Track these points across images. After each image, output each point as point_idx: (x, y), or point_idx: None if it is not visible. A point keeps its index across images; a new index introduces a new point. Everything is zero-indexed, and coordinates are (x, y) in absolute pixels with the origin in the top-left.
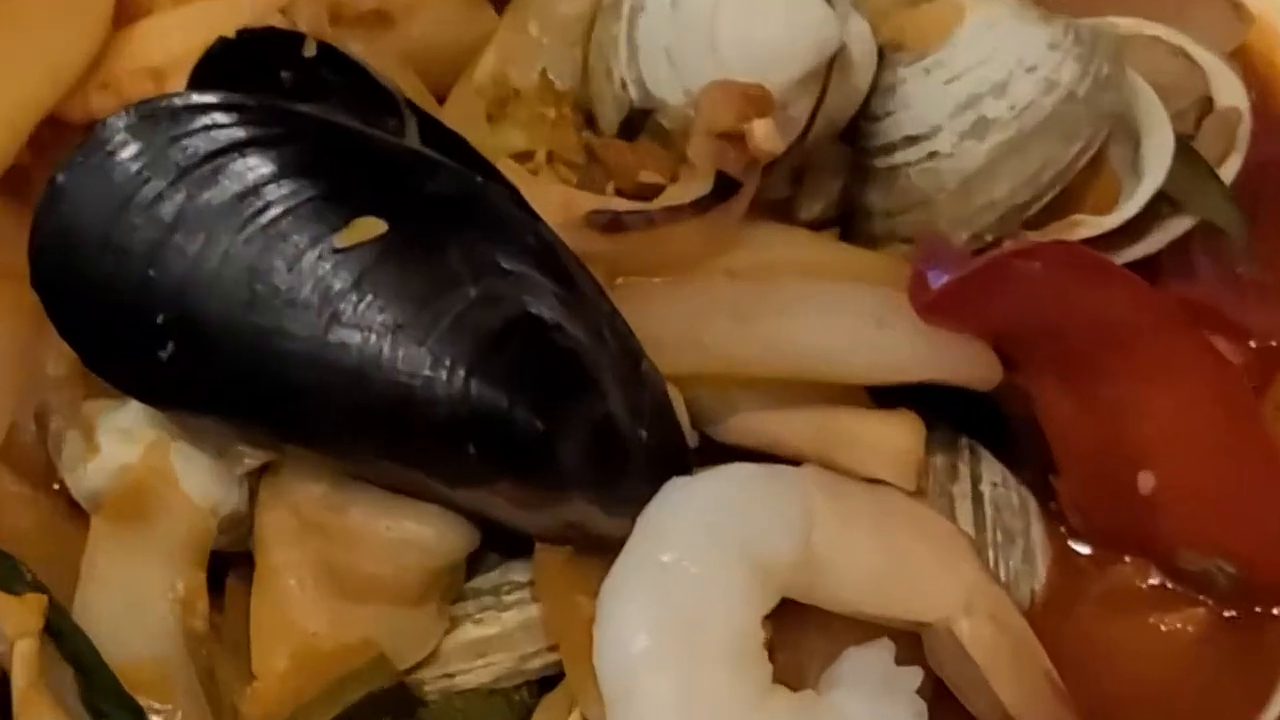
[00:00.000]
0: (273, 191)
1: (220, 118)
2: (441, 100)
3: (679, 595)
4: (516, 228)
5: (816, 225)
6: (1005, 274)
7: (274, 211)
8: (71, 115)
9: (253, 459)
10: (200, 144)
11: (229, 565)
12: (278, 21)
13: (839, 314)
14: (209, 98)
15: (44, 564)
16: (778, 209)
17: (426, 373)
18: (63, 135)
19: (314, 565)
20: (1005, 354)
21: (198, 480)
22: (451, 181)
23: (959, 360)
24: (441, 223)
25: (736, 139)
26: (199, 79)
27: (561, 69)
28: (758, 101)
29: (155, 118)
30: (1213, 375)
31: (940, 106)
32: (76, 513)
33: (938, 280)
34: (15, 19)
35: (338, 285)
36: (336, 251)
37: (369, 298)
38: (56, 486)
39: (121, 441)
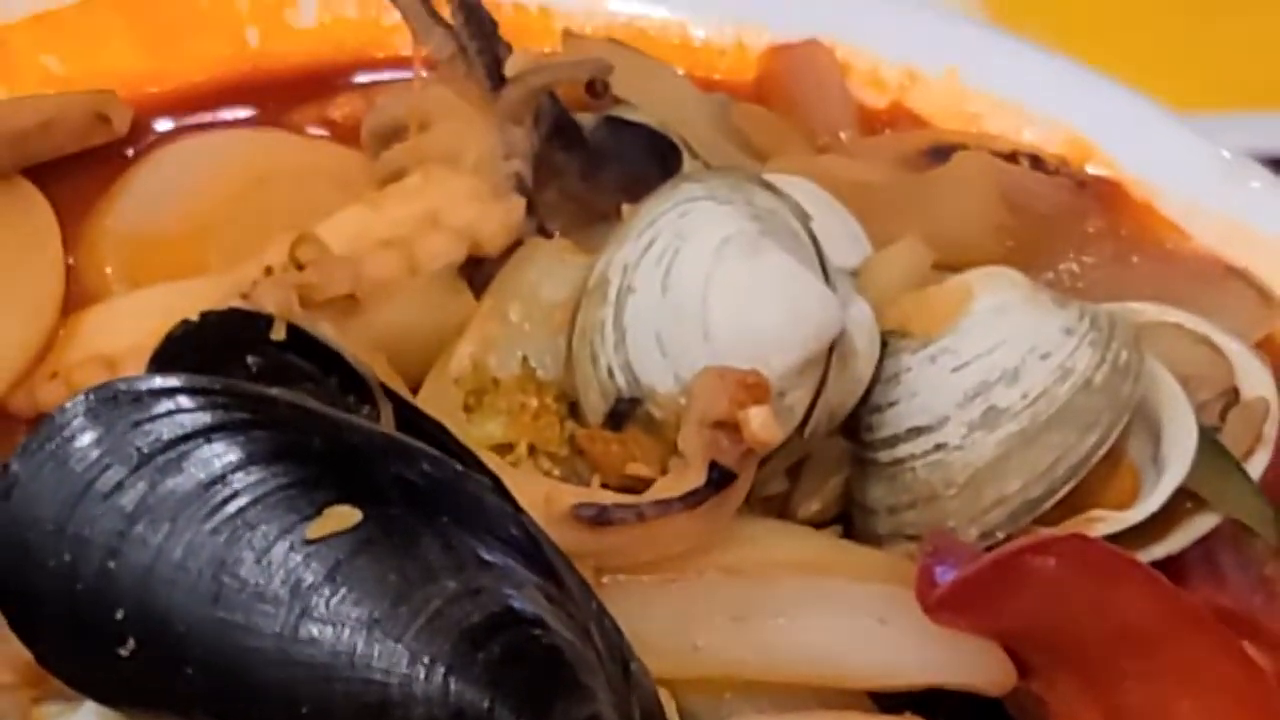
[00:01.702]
0: (240, 479)
1: (184, 402)
2: (415, 389)
3: None
4: (497, 518)
5: (816, 523)
6: (1018, 570)
7: (242, 500)
8: (18, 407)
9: None
10: (163, 430)
11: None
12: (239, 305)
13: (840, 613)
14: (172, 381)
15: None
16: (773, 505)
17: (404, 671)
18: (10, 428)
19: None
20: (1018, 656)
21: None
22: (429, 469)
23: (969, 663)
24: (418, 512)
25: (731, 428)
26: (160, 363)
27: (544, 357)
28: (754, 389)
29: (115, 402)
30: (1242, 681)
31: (948, 395)
32: None
33: (945, 577)
34: None
35: (309, 578)
36: (308, 542)
37: (342, 591)
38: None
39: None
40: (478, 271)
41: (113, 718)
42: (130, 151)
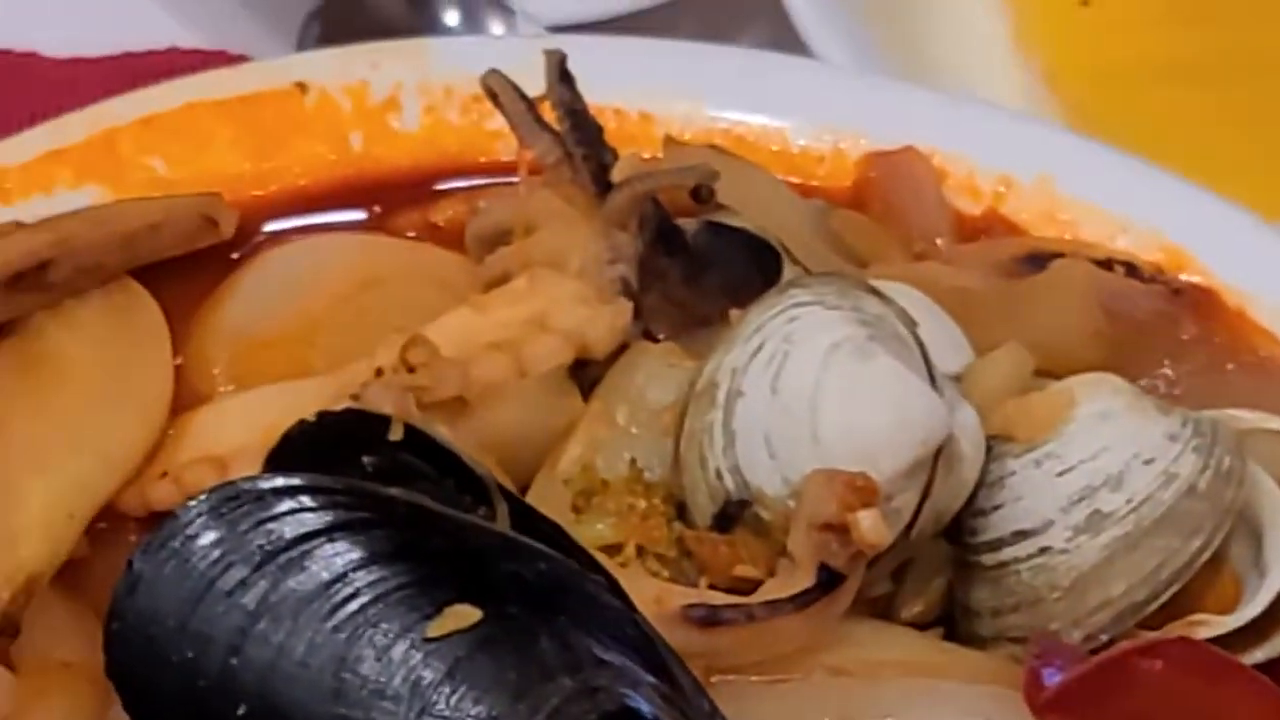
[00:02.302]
0: (361, 578)
1: (306, 500)
2: (523, 490)
3: None
4: (613, 618)
5: (919, 624)
6: (1126, 673)
7: (363, 599)
8: (129, 506)
9: None
10: (285, 529)
11: None
12: (353, 406)
13: (948, 715)
14: (294, 480)
15: None
16: (877, 606)
17: None
18: (120, 527)
19: None
20: None
21: None
22: (546, 568)
23: None
24: (536, 611)
25: (840, 531)
26: (277, 462)
27: (651, 459)
28: (863, 492)
29: (237, 501)
30: None
31: (1052, 499)
32: None
33: (1053, 679)
34: (69, 406)
35: (429, 676)
36: (428, 640)
37: (462, 689)
38: None
39: None
40: (584, 374)
41: None
42: (236, 254)
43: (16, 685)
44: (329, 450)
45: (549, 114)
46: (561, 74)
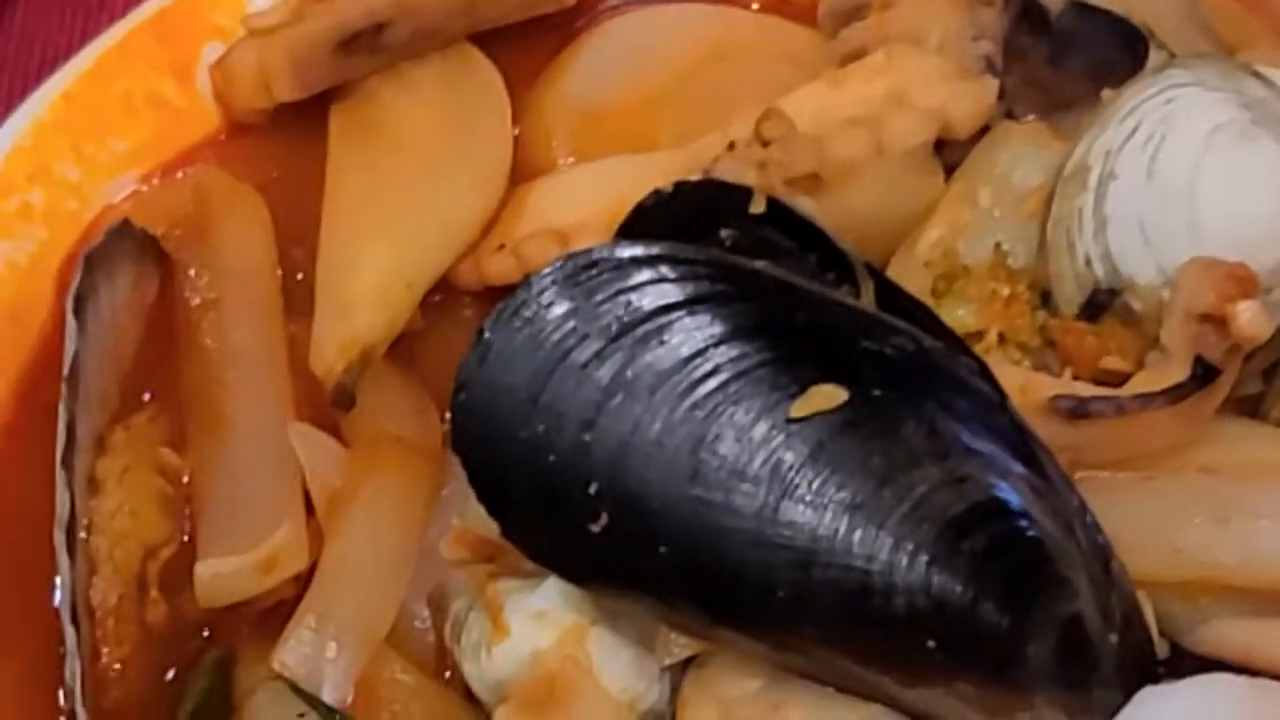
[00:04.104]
0: (721, 354)
1: (666, 271)
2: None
3: None
4: (984, 404)
5: None
6: None
7: (722, 376)
8: (465, 279)
9: (681, 649)
10: (643, 300)
11: None
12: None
13: None
14: (654, 250)
15: None
16: (1246, 407)
17: (885, 558)
18: (455, 301)
19: None
20: None
21: (617, 671)
22: (913, 349)
23: None
24: (902, 394)
25: (1218, 322)
26: (629, 233)
27: (1015, 243)
28: (1243, 282)
29: (593, 269)
30: None
31: None
32: (469, 705)
33: None
34: (405, 173)
35: (790, 458)
36: (790, 421)
37: (825, 473)
38: (447, 675)
39: (534, 625)
40: (944, 155)
41: (575, 595)
42: (579, 22)
43: (348, 459)
44: (684, 223)
45: None
46: None
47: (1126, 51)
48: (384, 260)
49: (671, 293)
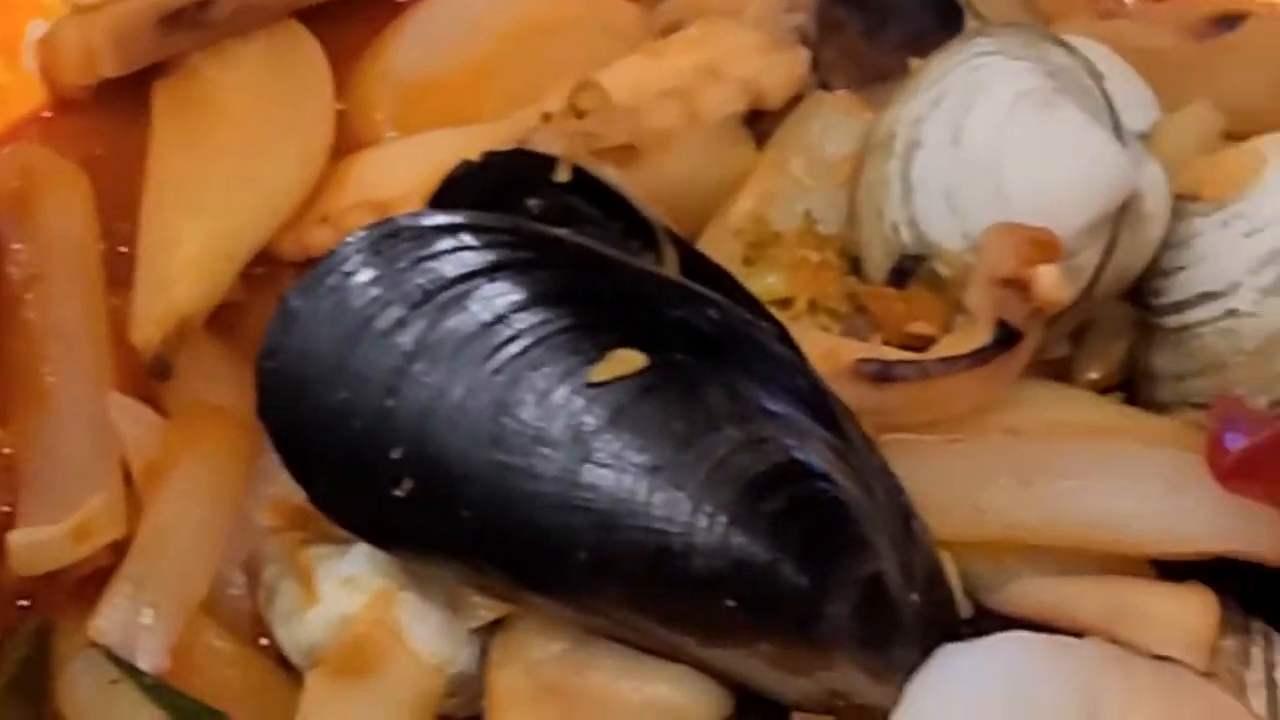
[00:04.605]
0: (523, 320)
1: (468, 239)
2: (692, 241)
3: None
4: (783, 368)
5: (1098, 389)
6: None
7: (524, 341)
8: (286, 251)
9: (487, 611)
10: (446, 267)
11: None
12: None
13: (1128, 478)
14: (456, 218)
15: None
16: (1056, 370)
17: (685, 519)
18: (277, 273)
19: None
20: None
21: (426, 634)
22: (715, 315)
23: (1259, 532)
24: (703, 359)
25: (1020, 287)
26: (439, 202)
27: (826, 211)
28: (1044, 246)
29: (397, 238)
30: None
31: (1239, 261)
32: (284, 671)
33: (1237, 443)
34: (227, 147)
35: (591, 422)
36: (590, 386)
37: (625, 437)
38: (264, 642)
39: (344, 591)
40: (758, 125)
41: (384, 561)
42: None
43: (167, 429)
44: (493, 193)
45: None
46: None
47: (941, 23)
48: (203, 233)
49: (473, 260)
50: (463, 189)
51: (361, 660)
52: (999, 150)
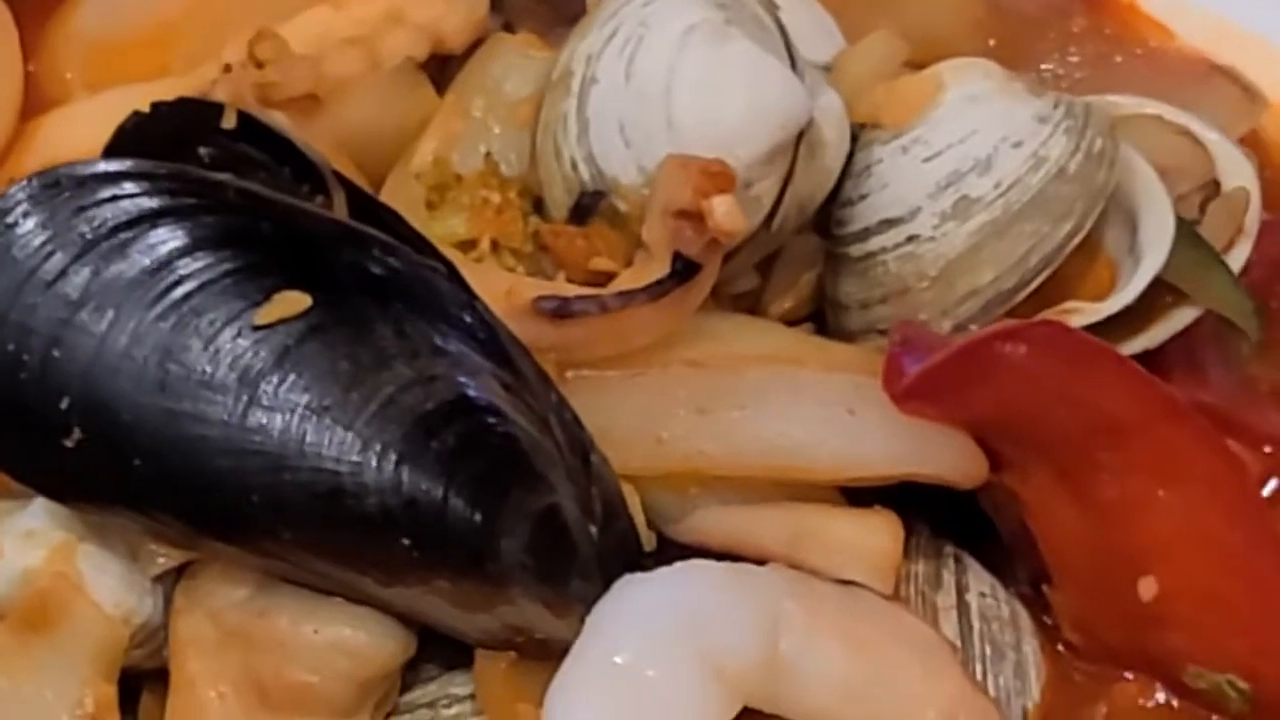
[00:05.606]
0: (186, 265)
1: (129, 187)
2: (378, 187)
3: (631, 700)
4: (452, 305)
5: (789, 320)
6: (988, 357)
7: (188, 286)
8: None
9: (167, 559)
10: (108, 215)
11: (144, 682)
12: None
13: (806, 404)
14: (116, 166)
15: None
16: (745, 303)
17: (355, 459)
18: None
19: (235, 675)
20: (991, 450)
21: (108, 586)
22: (382, 256)
23: (939, 454)
24: (371, 299)
25: (695, 218)
26: (111, 155)
27: (508, 153)
28: (717, 177)
29: (59, 188)
30: (1219, 471)
31: (919, 186)
32: None
33: (914, 365)
34: None
35: (257, 365)
36: (256, 329)
37: (291, 378)
38: None
39: (25, 544)
40: (442, 70)
41: (63, 514)
42: None
43: None
44: (164, 142)
45: None
46: None
47: None
48: None
49: (136, 207)
50: (133, 140)
51: (44, 614)
52: (669, 83)
